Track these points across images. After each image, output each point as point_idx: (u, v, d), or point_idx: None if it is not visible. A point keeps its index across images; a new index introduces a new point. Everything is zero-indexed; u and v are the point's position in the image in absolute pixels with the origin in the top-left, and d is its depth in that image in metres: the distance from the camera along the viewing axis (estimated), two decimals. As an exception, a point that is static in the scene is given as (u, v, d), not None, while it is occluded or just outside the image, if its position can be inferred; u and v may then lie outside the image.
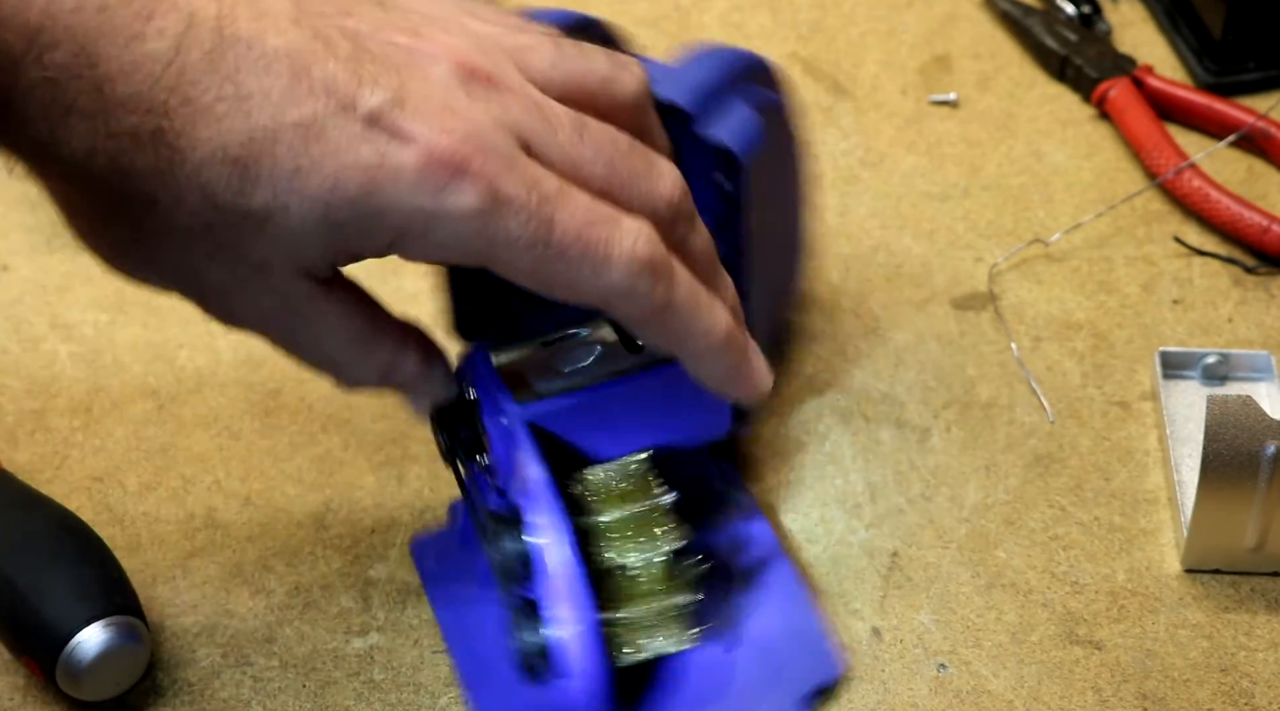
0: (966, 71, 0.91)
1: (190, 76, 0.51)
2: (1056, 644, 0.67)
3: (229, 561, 0.70)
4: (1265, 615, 0.68)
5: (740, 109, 0.65)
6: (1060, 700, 0.65)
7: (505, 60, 0.56)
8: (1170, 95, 0.87)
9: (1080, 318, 0.79)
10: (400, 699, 0.66)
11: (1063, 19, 0.91)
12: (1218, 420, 0.64)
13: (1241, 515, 0.67)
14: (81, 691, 0.63)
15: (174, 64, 0.50)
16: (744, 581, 0.68)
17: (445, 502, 0.72)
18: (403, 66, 0.53)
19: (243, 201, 0.52)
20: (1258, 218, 0.80)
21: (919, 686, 0.66)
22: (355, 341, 0.57)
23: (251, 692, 0.66)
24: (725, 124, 0.64)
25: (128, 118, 0.51)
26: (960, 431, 0.74)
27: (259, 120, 0.51)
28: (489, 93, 0.54)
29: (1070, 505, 0.71)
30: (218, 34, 0.51)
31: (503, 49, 0.56)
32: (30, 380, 0.77)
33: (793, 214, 0.74)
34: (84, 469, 0.73)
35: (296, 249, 0.53)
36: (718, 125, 0.64)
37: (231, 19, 0.51)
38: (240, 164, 0.51)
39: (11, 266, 0.82)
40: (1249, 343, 0.77)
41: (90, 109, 0.50)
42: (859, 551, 0.70)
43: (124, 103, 0.50)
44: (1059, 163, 0.86)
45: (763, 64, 0.69)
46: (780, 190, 0.71)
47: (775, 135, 0.68)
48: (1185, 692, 0.65)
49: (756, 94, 0.67)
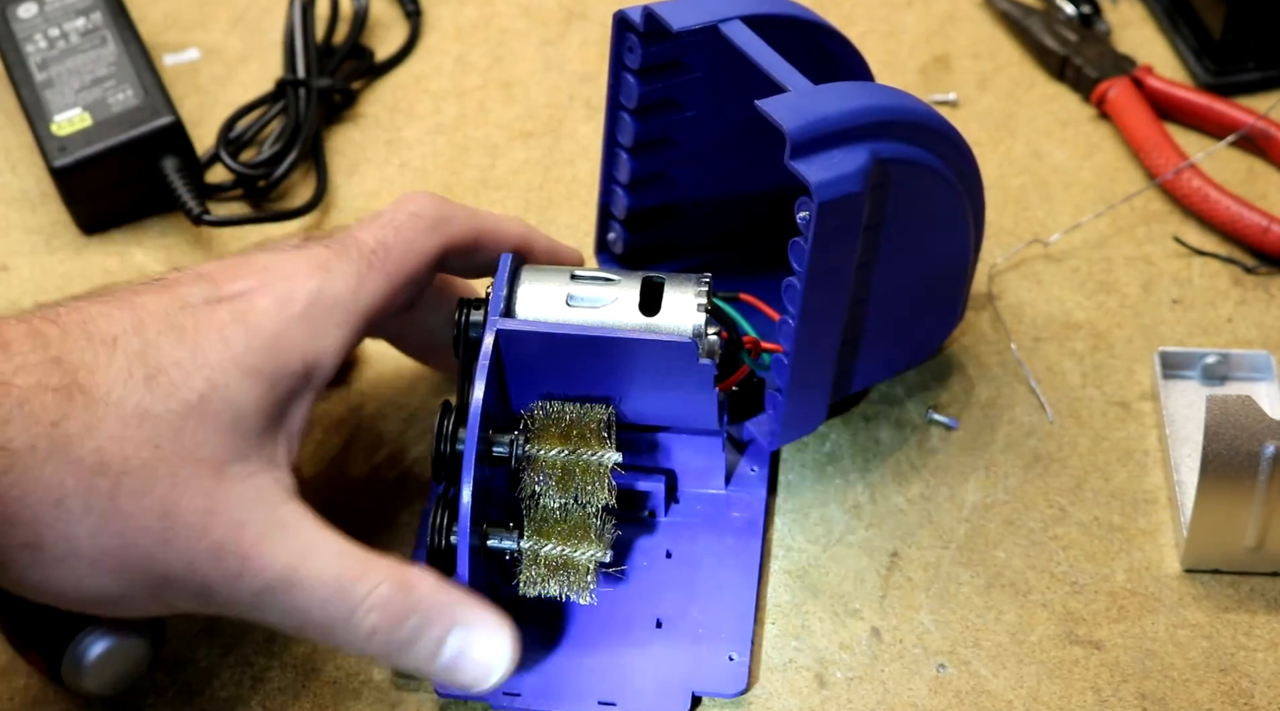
0: (966, 71, 0.91)
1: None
2: (1056, 644, 0.67)
3: (229, 561, 0.70)
4: (1265, 615, 0.68)
5: (855, 154, 0.64)
6: (1060, 700, 0.65)
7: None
8: (1170, 95, 0.87)
9: (1080, 317, 0.79)
10: (400, 698, 0.66)
11: (1063, 19, 0.91)
12: (1217, 420, 0.64)
13: (1241, 515, 0.67)
14: (85, 686, 0.64)
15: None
16: (707, 572, 0.68)
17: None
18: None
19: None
20: (1257, 218, 0.80)
21: (919, 686, 0.66)
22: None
23: (251, 692, 0.66)
24: (823, 160, 0.63)
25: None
26: (960, 431, 0.74)
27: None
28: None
29: (1070, 505, 0.71)
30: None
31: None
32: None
33: (933, 275, 0.72)
34: (84, 469, 0.73)
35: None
36: (813, 159, 0.63)
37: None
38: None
39: (11, 266, 0.82)
40: (1249, 343, 0.77)
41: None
42: (859, 551, 0.70)
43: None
44: (1059, 162, 0.86)
45: (939, 128, 0.67)
46: (910, 247, 0.69)
47: (909, 194, 0.66)
48: (1185, 692, 0.65)
49: (903, 149, 0.65)
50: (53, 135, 0.82)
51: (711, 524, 0.70)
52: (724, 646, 0.66)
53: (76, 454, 0.55)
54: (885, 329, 0.71)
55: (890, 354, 0.73)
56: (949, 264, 0.72)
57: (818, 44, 0.71)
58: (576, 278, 0.66)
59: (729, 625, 0.67)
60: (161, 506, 0.56)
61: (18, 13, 0.87)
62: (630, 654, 0.66)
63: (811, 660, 0.67)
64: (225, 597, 0.57)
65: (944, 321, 0.75)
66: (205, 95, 0.90)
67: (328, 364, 0.61)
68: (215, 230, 0.83)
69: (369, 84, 0.91)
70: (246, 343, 0.58)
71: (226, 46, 0.93)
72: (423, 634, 0.59)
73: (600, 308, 0.66)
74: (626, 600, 0.68)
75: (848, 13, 0.95)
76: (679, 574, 0.69)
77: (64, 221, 0.84)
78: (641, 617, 0.67)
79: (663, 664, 0.66)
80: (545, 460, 0.65)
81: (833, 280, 0.66)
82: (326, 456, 0.74)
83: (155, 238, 0.83)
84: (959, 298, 0.74)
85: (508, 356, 0.65)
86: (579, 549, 0.64)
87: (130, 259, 0.82)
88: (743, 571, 0.68)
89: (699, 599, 0.68)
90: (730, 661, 0.66)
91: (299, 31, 0.88)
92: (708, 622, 0.67)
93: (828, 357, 0.69)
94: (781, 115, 0.63)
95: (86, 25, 0.86)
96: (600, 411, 0.66)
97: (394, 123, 0.89)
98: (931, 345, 0.75)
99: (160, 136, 0.82)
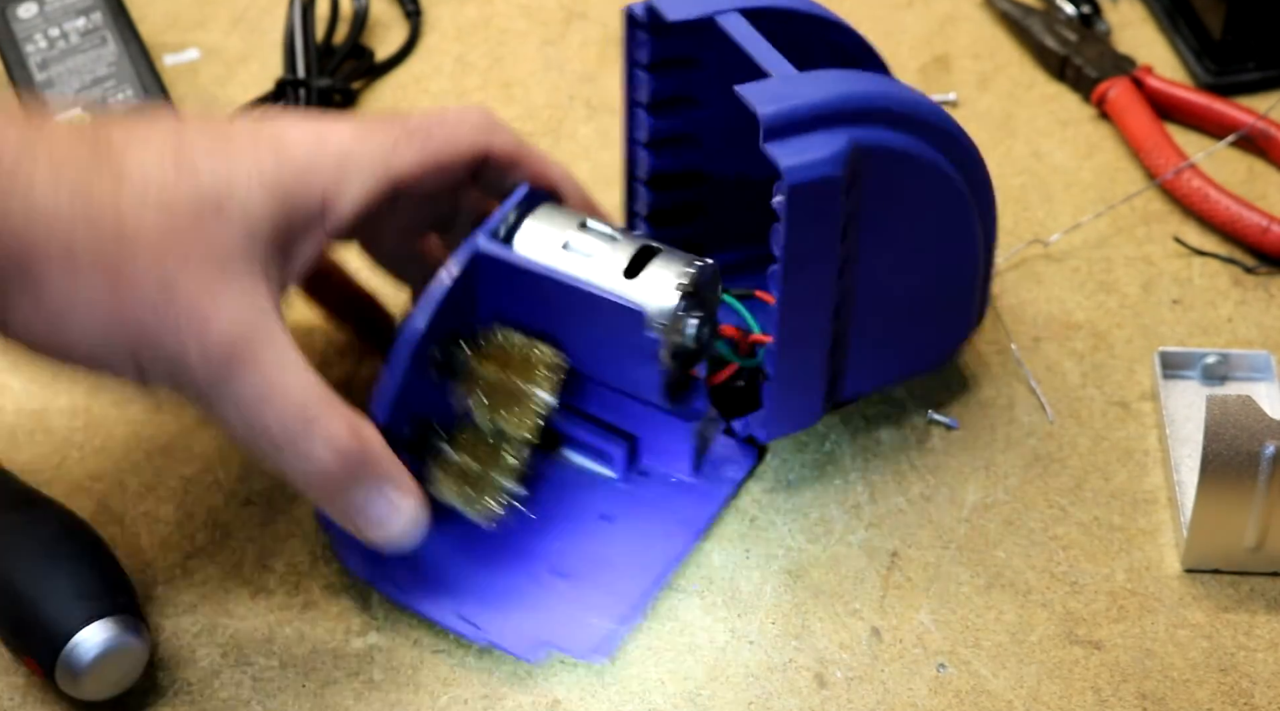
0: (966, 71, 0.91)
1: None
2: (1056, 644, 0.67)
3: (229, 561, 0.70)
4: (1265, 615, 0.68)
5: (832, 139, 0.63)
6: (1060, 700, 0.65)
7: None
8: (1170, 95, 0.87)
9: (1080, 317, 0.79)
10: (400, 699, 0.66)
11: (1063, 19, 0.91)
12: (1217, 420, 0.64)
13: (1241, 515, 0.67)
14: (81, 691, 0.63)
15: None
16: (629, 543, 0.69)
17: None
18: None
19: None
20: (1257, 218, 0.80)
21: (919, 686, 0.66)
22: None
23: (251, 692, 0.66)
24: (797, 144, 0.63)
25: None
26: (960, 431, 0.74)
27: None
28: None
29: (1070, 505, 0.71)
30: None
31: None
32: (31, 380, 0.77)
33: (936, 277, 0.71)
34: (84, 469, 0.73)
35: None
36: (788, 143, 0.63)
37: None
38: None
39: (11, 266, 0.82)
40: (1249, 342, 0.77)
41: None
42: (859, 551, 0.70)
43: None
44: (1059, 162, 0.86)
45: (937, 121, 0.67)
46: (906, 243, 0.68)
47: (899, 186, 0.66)
48: (1185, 692, 0.65)
49: (891, 138, 0.65)
50: (53, 135, 0.82)
51: (659, 504, 0.71)
52: (608, 614, 0.67)
53: (96, 213, 0.57)
54: (884, 330, 0.71)
55: (893, 358, 0.73)
56: (955, 265, 0.71)
57: (827, 38, 0.71)
58: (584, 227, 0.67)
59: (626, 598, 0.67)
60: (164, 280, 0.58)
61: (18, 13, 0.87)
62: (514, 587, 0.67)
63: (811, 660, 0.67)
64: (197, 381, 0.59)
65: (953, 328, 0.74)
66: (205, 95, 0.90)
67: (345, 209, 0.63)
68: (215, 230, 0.83)
69: (369, 84, 0.91)
70: (276, 164, 0.61)
71: (226, 46, 0.93)
72: (361, 483, 0.62)
73: (588, 259, 0.66)
74: (540, 542, 0.69)
75: (848, 13, 0.94)
76: (604, 536, 0.69)
77: (64, 221, 0.84)
78: (546, 562, 0.68)
79: (541, 609, 0.67)
80: (483, 378, 0.67)
81: (814, 267, 0.65)
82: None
83: (155, 238, 0.83)
84: (969, 303, 0.73)
85: (481, 279, 0.66)
86: (488, 470, 0.66)
87: (130, 259, 0.82)
88: (663, 555, 0.69)
89: (611, 566, 0.68)
90: (605, 631, 0.66)
91: (299, 31, 0.88)
92: (606, 588, 0.68)
93: (817, 349, 0.68)
94: (757, 99, 0.63)
95: (86, 25, 0.86)
96: (551, 354, 0.67)
97: (394, 123, 0.89)
98: (941, 353, 0.74)
99: (160, 136, 0.82)
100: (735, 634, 0.68)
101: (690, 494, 0.71)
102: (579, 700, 0.66)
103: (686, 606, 0.68)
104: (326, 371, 0.67)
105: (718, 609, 0.68)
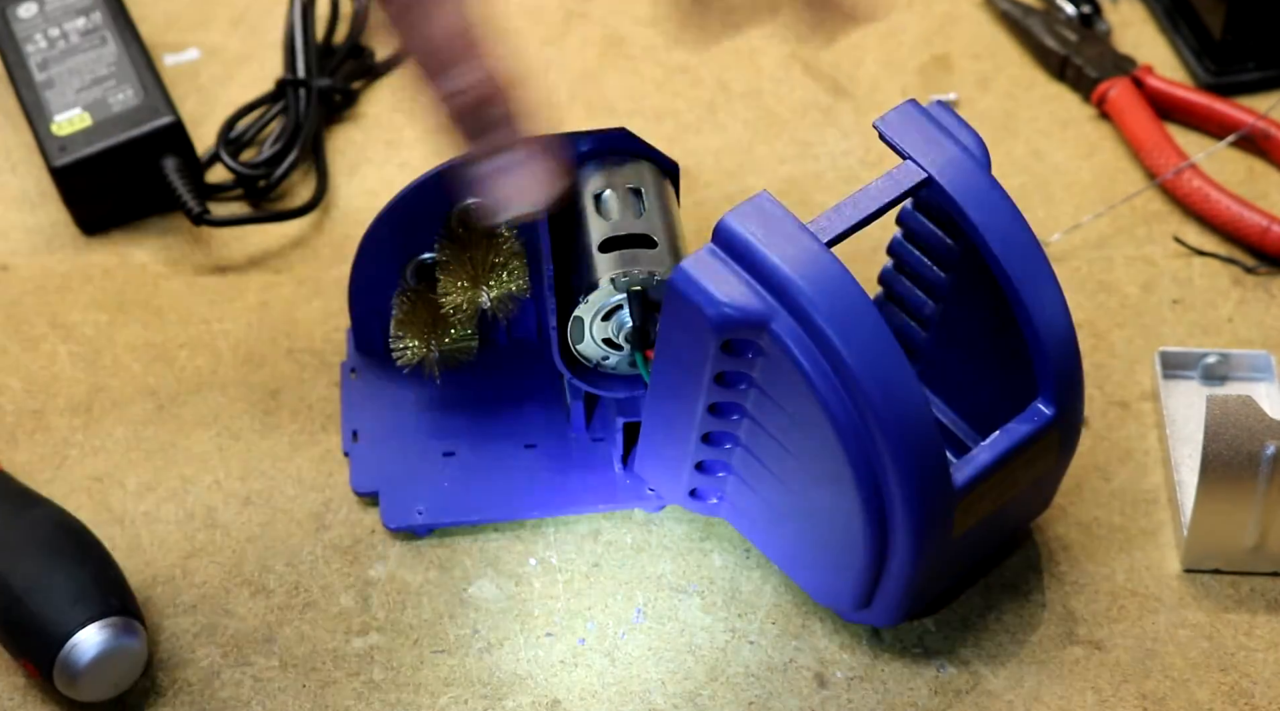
0: (966, 71, 0.91)
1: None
2: (1056, 644, 0.67)
3: (229, 561, 0.70)
4: (1265, 615, 0.68)
5: (755, 299, 0.60)
6: (1060, 700, 0.65)
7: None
8: (1170, 95, 0.87)
9: (1080, 317, 0.78)
10: (400, 699, 0.66)
11: (1063, 19, 0.91)
12: (1218, 420, 0.64)
13: (1241, 515, 0.67)
14: (79, 692, 0.63)
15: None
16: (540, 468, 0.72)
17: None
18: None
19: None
20: (1258, 218, 0.80)
21: (919, 686, 0.66)
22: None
23: (251, 692, 0.66)
24: (724, 273, 0.60)
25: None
26: (960, 431, 0.74)
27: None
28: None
29: (1070, 505, 0.71)
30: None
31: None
32: (30, 380, 0.77)
33: (816, 515, 0.64)
34: (84, 469, 0.73)
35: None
36: (720, 266, 0.60)
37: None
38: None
39: (11, 266, 0.82)
40: (1249, 342, 0.77)
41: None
42: (859, 551, 0.70)
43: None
44: (1059, 163, 0.86)
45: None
46: (782, 448, 0.63)
47: (782, 395, 0.61)
48: (1185, 692, 0.65)
49: (805, 343, 0.60)
50: (53, 135, 0.82)
51: (570, 466, 0.72)
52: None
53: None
54: (764, 510, 0.66)
55: (771, 543, 0.68)
56: (832, 513, 0.62)
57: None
58: (629, 190, 0.70)
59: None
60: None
61: (18, 13, 0.87)
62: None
63: (811, 660, 0.67)
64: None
65: (831, 588, 0.65)
66: (205, 95, 0.90)
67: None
68: (215, 230, 0.83)
69: (369, 84, 0.91)
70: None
71: (226, 46, 0.93)
72: (507, 122, 0.59)
73: (594, 215, 0.69)
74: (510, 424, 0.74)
75: (848, 13, 0.95)
76: (523, 455, 0.73)
77: (64, 221, 0.84)
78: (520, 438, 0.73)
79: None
80: (452, 249, 0.72)
81: (675, 371, 0.63)
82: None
83: (155, 238, 0.83)
84: (851, 580, 0.63)
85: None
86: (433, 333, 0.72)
87: (130, 259, 0.82)
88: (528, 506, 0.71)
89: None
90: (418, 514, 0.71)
91: (299, 31, 0.88)
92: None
93: (675, 442, 0.65)
94: (734, 216, 0.61)
95: (86, 25, 0.86)
96: (513, 243, 0.71)
97: (394, 123, 0.89)
98: (834, 598, 0.66)
99: (160, 136, 0.82)
100: (735, 634, 0.68)
101: (601, 480, 0.72)
102: (579, 700, 0.66)
103: (686, 606, 0.68)
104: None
105: (718, 609, 0.68)
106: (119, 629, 0.63)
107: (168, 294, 0.80)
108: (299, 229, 0.83)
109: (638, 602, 0.69)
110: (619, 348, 0.69)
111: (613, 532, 0.71)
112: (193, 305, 0.80)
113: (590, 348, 0.69)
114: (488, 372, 0.75)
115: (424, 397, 0.74)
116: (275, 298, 0.80)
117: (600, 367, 0.70)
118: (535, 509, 0.71)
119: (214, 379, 0.77)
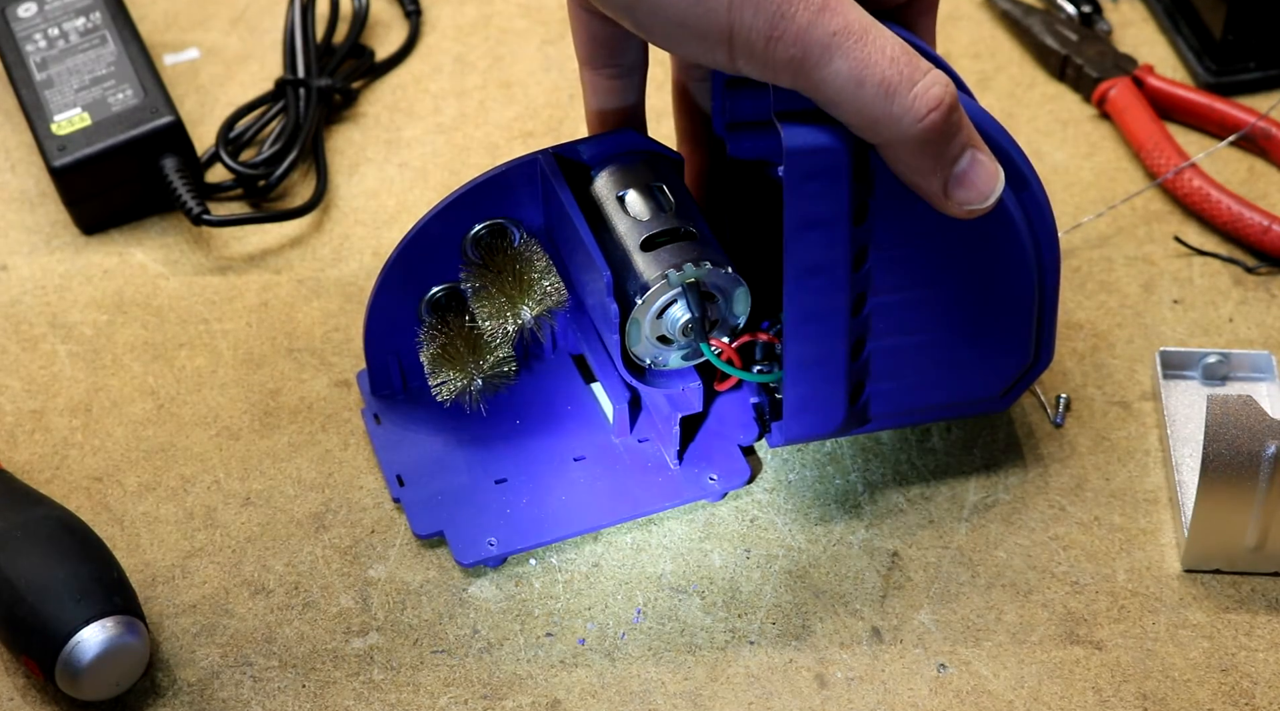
0: (966, 71, 0.91)
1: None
2: (1056, 644, 0.67)
3: (229, 561, 0.70)
4: (1265, 615, 0.68)
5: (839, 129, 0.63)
6: (1060, 700, 0.65)
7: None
8: (1170, 95, 0.87)
9: (1080, 318, 0.79)
10: (400, 699, 0.66)
11: (1063, 19, 0.91)
12: (1218, 420, 0.64)
13: (1242, 515, 0.66)
14: (81, 691, 0.63)
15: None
16: (594, 479, 0.72)
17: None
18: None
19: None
20: (1258, 217, 0.80)
21: (919, 686, 0.66)
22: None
23: (251, 692, 0.66)
24: (804, 127, 0.63)
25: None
26: (960, 431, 0.74)
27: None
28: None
29: (1070, 505, 0.71)
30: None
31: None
32: (30, 380, 0.77)
33: (980, 299, 0.67)
34: (84, 469, 0.73)
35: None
36: (796, 126, 0.63)
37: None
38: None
39: (11, 266, 0.82)
40: (1249, 342, 0.77)
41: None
42: (859, 551, 0.70)
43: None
44: (1059, 162, 0.86)
45: (978, 122, 0.66)
46: (937, 254, 0.66)
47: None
48: (1185, 692, 0.65)
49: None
50: (52, 135, 0.82)
51: (625, 471, 0.72)
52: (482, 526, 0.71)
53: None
54: (917, 352, 0.68)
55: (925, 385, 0.69)
56: (999, 292, 0.67)
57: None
58: (651, 188, 0.69)
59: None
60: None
61: (18, 12, 0.87)
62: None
63: (811, 660, 0.67)
64: (796, 34, 0.60)
65: (1006, 361, 0.69)
66: (205, 95, 0.90)
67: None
68: (215, 230, 0.83)
69: (369, 84, 0.91)
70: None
71: (226, 46, 0.93)
72: (954, 138, 0.62)
73: (623, 217, 0.69)
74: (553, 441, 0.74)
75: (848, 12, 0.95)
76: (575, 469, 0.72)
77: (64, 221, 0.84)
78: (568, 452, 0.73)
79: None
80: (484, 272, 0.71)
81: (820, 246, 0.64)
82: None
83: (155, 237, 0.83)
84: (1021, 338, 0.69)
85: (544, 182, 0.71)
86: (480, 352, 0.72)
87: (130, 259, 0.82)
88: (591, 518, 0.71)
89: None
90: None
91: (299, 31, 0.88)
92: (535, 502, 0.71)
93: (829, 346, 0.66)
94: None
95: (86, 25, 0.86)
96: (542, 259, 0.71)
97: (394, 123, 0.89)
98: (986, 391, 0.70)
99: (160, 136, 0.82)
100: (735, 634, 0.68)
101: (658, 479, 0.72)
102: (579, 700, 0.66)
103: (686, 606, 0.68)
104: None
105: (718, 609, 0.68)
106: (122, 627, 0.63)
107: (167, 294, 0.80)
108: (299, 229, 0.83)
109: (638, 602, 0.69)
110: (668, 344, 0.69)
111: (612, 532, 0.71)
112: (192, 305, 0.80)
113: (645, 348, 0.69)
114: (510, 395, 0.74)
115: (457, 431, 0.74)
116: (275, 297, 0.80)
117: (654, 366, 0.69)
118: (604, 518, 0.71)
119: (213, 379, 0.77)
